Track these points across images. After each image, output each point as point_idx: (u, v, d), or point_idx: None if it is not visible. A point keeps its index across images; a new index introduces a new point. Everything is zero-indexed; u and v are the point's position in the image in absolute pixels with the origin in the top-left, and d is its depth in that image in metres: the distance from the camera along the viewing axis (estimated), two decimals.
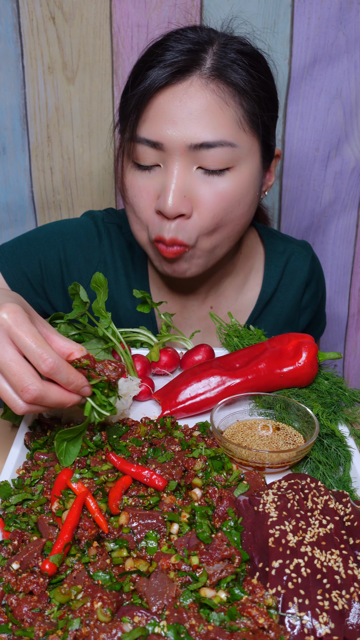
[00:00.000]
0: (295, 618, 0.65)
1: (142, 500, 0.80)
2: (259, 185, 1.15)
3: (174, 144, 1.04)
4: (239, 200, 1.09)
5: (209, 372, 1.04)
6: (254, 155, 1.11)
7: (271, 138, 1.15)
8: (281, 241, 1.39)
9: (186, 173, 1.06)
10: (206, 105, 1.04)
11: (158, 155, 1.07)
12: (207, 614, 0.65)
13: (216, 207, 1.07)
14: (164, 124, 1.05)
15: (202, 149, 1.04)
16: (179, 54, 1.05)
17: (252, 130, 1.08)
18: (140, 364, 1.10)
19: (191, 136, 1.03)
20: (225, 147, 1.05)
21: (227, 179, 1.07)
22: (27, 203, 1.64)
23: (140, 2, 1.45)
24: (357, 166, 1.62)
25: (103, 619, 0.64)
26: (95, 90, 1.52)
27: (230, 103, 1.05)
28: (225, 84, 1.05)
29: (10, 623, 0.66)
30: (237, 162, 1.07)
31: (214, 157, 1.05)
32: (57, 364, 0.78)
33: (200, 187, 1.07)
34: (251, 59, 1.09)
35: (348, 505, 0.78)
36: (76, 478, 0.81)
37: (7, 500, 0.82)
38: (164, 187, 1.07)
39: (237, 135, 1.06)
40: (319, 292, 1.44)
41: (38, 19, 1.45)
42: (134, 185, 1.12)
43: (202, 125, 1.04)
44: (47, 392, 0.78)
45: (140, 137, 1.07)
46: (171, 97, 1.05)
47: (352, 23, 1.47)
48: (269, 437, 0.95)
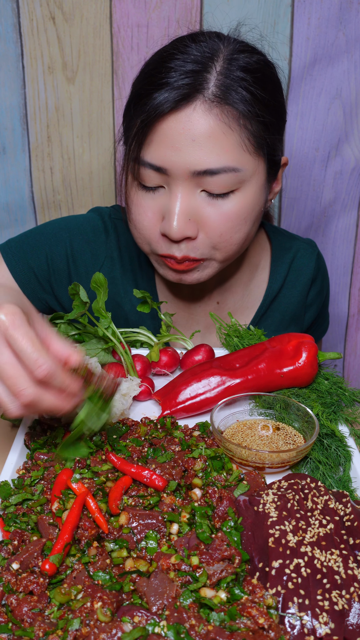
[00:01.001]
0: (295, 618, 0.65)
1: (142, 500, 0.80)
2: (264, 199, 1.15)
3: (178, 170, 1.04)
4: (245, 218, 1.10)
5: (209, 372, 1.04)
6: (259, 175, 1.10)
7: (277, 154, 1.14)
8: (287, 238, 1.40)
9: (190, 196, 1.06)
10: (210, 131, 1.02)
11: (162, 178, 1.07)
12: (207, 614, 0.65)
13: (222, 227, 1.08)
14: (167, 149, 1.04)
15: (206, 175, 1.04)
16: (183, 76, 1.03)
17: (256, 152, 1.07)
18: (140, 364, 1.10)
19: (194, 163, 1.03)
20: (229, 173, 1.04)
21: (231, 201, 1.07)
22: (27, 203, 1.64)
23: (140, 2, 1.45)
24: (357, 166, 1.62)
25: (103, 619, 0.64)
26: (95, 90, 1.52)
27: (234, 127, 1.03)
28: (230, 107, 1.03)
29: (10, 623, 0.66)
30: (242, 184, 1.07)
31: (218, 183, 1.05)
32: (52, 370, 0.77)
33: (205, 210, 1.07)
34: (257, 77, 1.06)
35: (348, 505, 0.78)
36: (76, 478, 0.81)
37: (7, 500, 0.82)
38: (168, 211, 1.07)
39: (241, 159, 1.05)
40: (324, 290, 1.44)
41: (38, 19, 1.45)
42: (138, 205, 1.12)
43: (205, 152, 1.03)
44: (42, 396, 0.78)
45: (144, 160, 1.07)
46: (174, 123, 1.03)
47: (352, 23, 1.47)
48: (269, 437, 0.95)
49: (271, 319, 1.36)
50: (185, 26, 1.47)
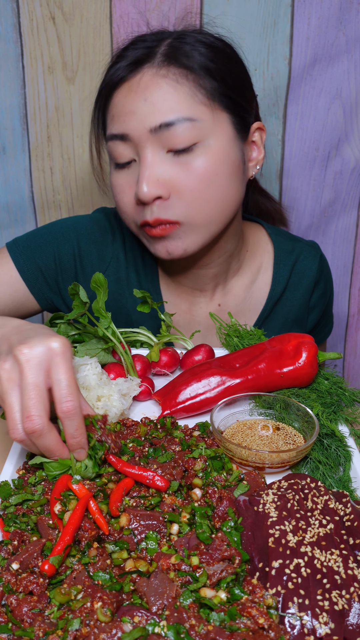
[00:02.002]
0: (295, 618, 0.65)
1: (143, 500, 0.80)
2: (237, 157, 1.15)
3: (137, 131, 1.08)
4: (216, 172, 1.11)
5: (209, 372, 1.04)
6: (222, 128, 1.11)
7: (243, 111, 1.16)
8: (290, 240, 1.40)
9: (157, 158, 1.09)
10: (159, 89, 1.07)
11: (130, 149, 1.11)
12: (207, 614, 0.65)
13: (191, 183, 1.09)
14: (124, 116, 1.09)
15: (164, 130, 1.07)
16: (137, 51, 1.11)
17: (211, 103, 1.10)
18: (140, 364, 1.10)
19: (149, 119, 1.07)
20: (186, 122, 1.07)
21: (196, 155, 1.09)
22: (27, 203, 1.64)
23: (140, 2, 1.45)
24: (357, 166, 1.62)
25: (103, 619, 0.64)
26: (95, 90, 1.52)
27: (183, 82, 1.08)
28: (176, 67, 1.08)
29: (10, 623, 0.66)
30: (203, 136, 1.09)
31: (178, 135, 1.07)
32: (76, 410, 0.79)
33: (172, 169, 1.09)
34: (209, 46, 1.12)
35: (348, 505, 0.78)
36: (77, 480, 0.81)
37: (7, 501, 0.82)
38: (138, 176, 1.10)
39: (196, 110, 1.08)
40: (327, 292, 1.44)
41: (38, 19, 1.45)
42: (116, 184, 1.16)
43: (159, 109, 1.07)
44: (47, 433, 0.79)
45: (109, 134, 1.13)
46: (127, 91, 1.09)
47: (352, 23, 1.47)
48: (269, 437, 0.95)
49: (274, 321, 1.36)
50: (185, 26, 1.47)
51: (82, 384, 0.99)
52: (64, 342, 0.81)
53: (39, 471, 0.86)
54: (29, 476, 0.86)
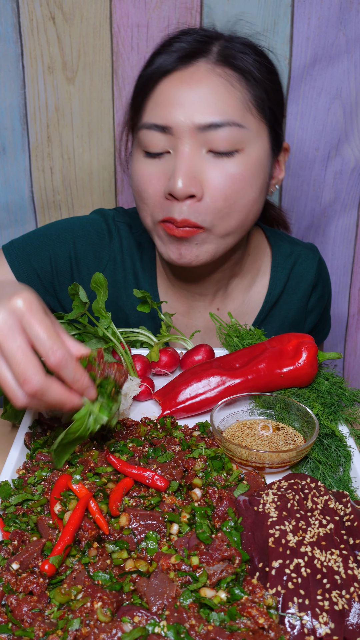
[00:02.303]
0: (295, 618, 0.65)
1: (143, 500, 0.80)
2: (268, 172, 1.16)
3: (183, 126, 1.06)
4: (250, 182, 1.10)
5: (209, 372, 1.04)
6: (262, 140, 1.11)
7: (279, 126, 1.16)
8: (288, 243, 1.39)
9: (195, 155, 1.07)
10: (213, 87, 1.06)
11: (167, 140, 1.08)
12: (207, 614, 0.65)
13: (227, 189, 1.08)
14: (171, 107, 1.06)
15: (210, 130, 1.05)
16: (187, 44, 1.09)
17: (259, 114, 1.10)
18: (140, 364, 1.10)
19: (199, 117, 1.05)
20: (233, 127, 1.06)
21: (236, 161, 1.08)
22: (27, 203, 1.64)
23: (140, 2, 1.45)
24: (357, 166, 1.62)
25: (103, 619, 0.64)
26: (95, 90, 1.52)
27: (237, 86, 1.07)
28: (232, 69, 1.08)
29: (10, 623, 0.66)
30: (246, 143, 1.08)
31: (222, 138, 1.06)
32: (66, 358, 0.76)
33: (210, 170, 1.07)
34: (258, 53, 1.12)
35: (348, 505, 0.78)
36: (77, 479, 0.81)
37: (7, 501, 0.82)
38: (174, 170, 1.07)
39: (244, 117, 1.07)
40: (325, 296, 1.43)
41: (38, 19, 1.45)
42: (143, 173, 1.12)
43: (209, 107, 1.05)
44: (49, 387, 0.76)
45: (149, 122, 1.09)
46: (178, 82, 1.07)
47: (352, 23, 1.47)
48: (269, 437, 0.95)
49: (271, 324, 1.36)
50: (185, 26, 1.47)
51: None
52: (27, 296, 0.78)
53: (38, 471, 0.86)
54: (29, 476, 0.86)
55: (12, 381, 0.76)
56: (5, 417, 1.04)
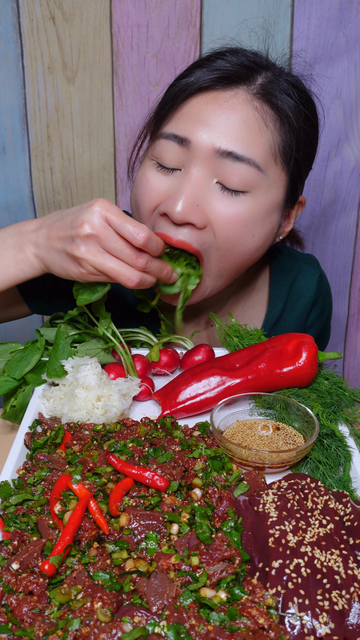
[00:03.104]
0: (295, 618, 0.65)
1: (143, 500, 0.80)
2: (276, 223, 1.10)
3: (202, 145, 1.00)
4: (253, 228, 1.04)
5: (209, 372, 1.04)
6: (278, 189, 1.06)
7: (300, 180, 1.11)
8: (288, 258, 1.35)
9: (204, 182, 1.02)
10: (246, 119, 1.00)
11: (182, 155, 1.02)
12: (207, 614, 0.65)
13: (232, 227, 1.03)
14: (196, 122, 1.01)
15: (228, 160, 0.99)
16: (232, 65, 1.03)
17: (283, 164, 1.04)
18: (140, 364, 1.10)
19: (222, 141, 0.99)
20: (252, 168, 1.00)
21: (243, 202, 1.02)
22: (27, 203, 1.64)
23: (140, 2, 1.45)
24: (357, 166, 1.62)
25: (103, 619, 0.64)
26: (95, 90, 1.53)
27: (270, 127, 1.02)
28: (270, 107, 1.02)
29: (10, 623, 0.66)
30: (258, 188, 1.02)
31: (238, 173, 1.00)
32: (148, 234, 0.92)
33: (216, 202, 1.02)
34: (302, 96, 1.06)
35: (348, 505, 0.78)
36: (77, 479, 0.81)
37: (7, 500, 0.82)
38: (177, 190, 1.02)
39: (267, 162, 1.02)
40: (325, 311, 1.40)
41: (38, 19, 1.45)
42: (146, 183, 1.06)
43: (235, 136, 1.00)
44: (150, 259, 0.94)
45: (168, 132, 1.03)
46: (211, 101, 1.01)
47: (352, 23, 1.47)
48: (269, 437, 0.95)
49: None
50: (185, 26, 1.47)
51: (82, 384, 0.99)
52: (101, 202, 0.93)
53: (38, 471, 0.86)
54: (29, 476, 0.86)
55: (122, 266, 0.93)
56: (5, 417, 1.04)
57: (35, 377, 1.06)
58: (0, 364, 1.07)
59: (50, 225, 0.99)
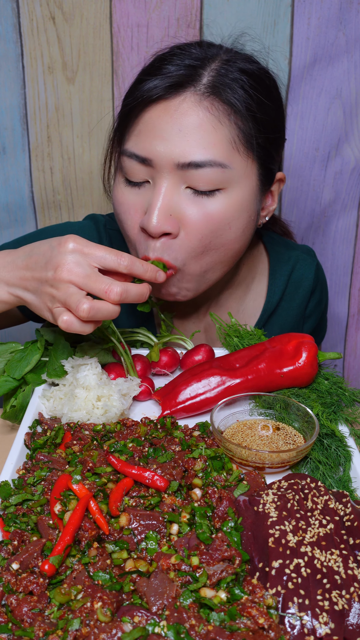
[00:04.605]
0: (295, 618, 0.65)
1: (143, 500, 0.80)
2: (254, 210, 1.10)
3: (163, 160, 1.01)
4: (229, 223, 1.05)
5: (209, 372, 1.04)
6: (249, 178, 1.06)
7: (271, 162, 1.11)
8: (285, 249, 1.36)
9: (174, 191, 1.03)
10: (198, 122, 1.00)
11: (147, 171, 1.04)
12: (207, 614, 0.65)
13: (204, 229, 1.04)
14: (153, 139, 1.01)
15: (191, 169, 1.00)
16: (177, 68, 1.02)
17: (247, 152, 1.04)
18: (140, 364, 1.10)
19: (179, 154, 1.00)
20: (216, 168, 1.01)
21: (217, 201, 1.03)
22: (27, 203, 1.64)
23: (140, 2, 1.45)
24: (357, 166, 1.62)
25: (103, 619, 0.64)
26: (95, 90, 1.53)
27: (225, 122, 1.01)
28: (220, 102, 1.01)
29: (10, 623, 0.66)
30: (229, 183, 1.03)
31: (203, 178, 1.01)
32: (132, 259, 0.93)
33: (188, 207, 1.03)
34: (254, 79, 1.05)
35: (348, 505, 0.78)
36: (77, 479, 0.81)
37: (7, 501, 0.82)
38: (149, 205, 1.03)
39: (230, 156, 1.02)
40: (323, 300, 1.42)
41: (38, 19, 1.45)
42: (123, 202, 1.09)
43: (192, 144, 1.00)
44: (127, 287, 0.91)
45: (129, 151, 1.05)
46: (163, 112, 1.01)
47: (352, 23, 1.47)
48: (269, 437, 0.95)
49: (269, 332, 1.34)
50: (185, 26, 1.47)
51: (82, 384, 0.99)
52: (72, 238, 0.91)
53: (37, 471, 0.86)
54: (29, 476, 0.86)
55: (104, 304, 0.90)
56: (5, 417, 1.04)
57: (35, 377, 1.06)
58: (0, 364, 1.07)
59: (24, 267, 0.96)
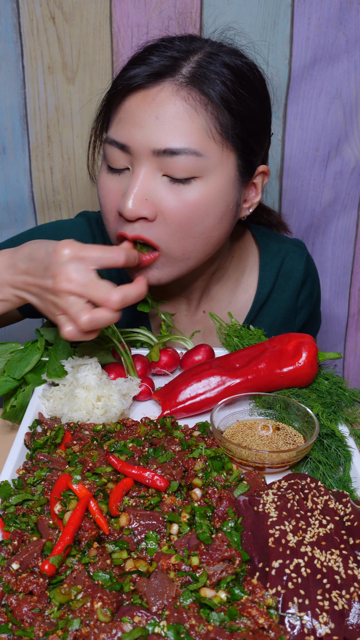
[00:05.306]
0: (295, 618, 0.65)
1: (143, 500, 0.80)
2: (233, 200, 1.11)
3: (140, 147, 1.03)
4: (206, 211, 1.07)
5: (209, 372, 1.04)
6: (226, 168, 1.07)
7: (252, 154, 1.11)
8: (275, 241, 1.37)
9: (151, 178, 1.05)
10: (174, 111, 1.02)
11: (126, 158, 1.06)
12: (207, 614, 0.65)
13: (181, 215, 1.05)
14: (131, 127, 1.04)
15: (166, 156, 1.02)
16: (159, 59, 1.05)
17: (224, 142, 1.05)
18: (140, 364, 1.10)
19: (155, 141, 1.02)
20: (191, 156, 1.03)
21: (192, 188, 1.05)
22: (27, 203, 1.64)
23: (140, 2, 1.45)
24: (357, 166, 1.62)
25: (103, 619, 0.64)
26: (95, 90, 1.52)
27: (201, 112, 1.03)
28: (198, 93, 1.03)
29: (10, 623, 0.66)
30: (205, 172, 1.05)
31: (179, 165, 1.03)
32: (126, 253, 0.96)
33: (165, 194, 1.05)
34: (235, 73, 1.06)
35: (348, 505, 0.78)
36: (77, 479, 0.81)
37: (7, 500, 0.82)
38: (127, 189, 1.06)
39: (206, 145, 1.04)
40: (315, 292, 1.43)
41: (38, 19, 1.45)
42: (103, 187, 1.11)
43: (167, 131, 1.02)
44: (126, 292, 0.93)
45: (110, 138, 1.08)
46: (141, 101, 1.04)
47: (352, 23, 1.47)
48: (269, 437, 0.95)
49: (261, 323, 1.35)
50: (185, 26, 1.47)
51: (82, 384, 0.99)
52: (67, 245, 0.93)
53: (37, 471, 0.86)
54: (29, 476, 0.86)
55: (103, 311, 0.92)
56: (5, 417, 1.04)
57: (35, 377, 1.06)
58: (0, 364, 1.07)
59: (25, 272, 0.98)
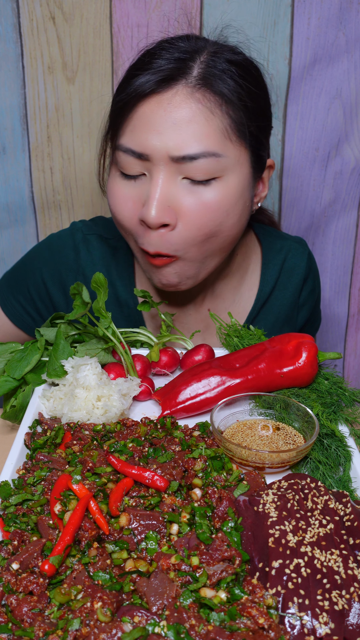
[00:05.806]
0: (295, 618, 0.65)
1: (143, 500, 0.80)
2: (249, 196, 1.13)
3: (158, 154, 1.03)
4: (227, 210, 1.07)
5: (209, 372, 1.04)
6: (243, 166, 1.08)
7: (262, 149, 1.13)
8: (277, 239, 1.38)
9: (171, 183, 1.05)
10: (191, 115, 1.02)
11: (143, 164, 1.06)
12: (207, 614, 0.65)
13: (202, 218, 1.06)
14: (148, 133, 1.03)
15: (186, 161, 1.03)
16: (167, 62, 1.04)
17: (239, 140, 1.06)
18: (140, 364, 1.10)
19: (174, 148, 1.02)
20: (210, 158, 1.03)
21: (213, 189, 1.05)
22: (27, 203, 1.64)
23: (140, 2, 1.45)
24: (357, 166, 1.62)
25: (103, 619, 0.64)
26: (95, 90, 1.53)
27: (217, 112, 1.03)
28: (212, 93, 1.04)
29: (10, 623, 0.66)
30: (224, 172, 1.05)
31: (199, 168, 1.03)
32: None
33: (185, 198, 1.05)
34: (241, 69, 1.07)
35: (348, 505, 0.78)
36: (77, 479, 0.81)
37: (7, 500, 0.82)
38: (147, 197, 1.05)
39: (223, 146, 1.04)
40: (316, 289, 1.43)
41: (38, 19, 1.45)
42: (118, 195, 1.10)
43: (185, 137, 1.02)
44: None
45: (125, 146, 1.06)
46: (156, 106, 1.03)
47: (352, 23, 1.47)
48: (269, 437, 0.95)
49: (264, 321, 1.35)
50: (185, 26, 1.47)
51: (82, 384, 0.99)
52: None
53: (37, 471, 0.86)
54: (29, 476, 0.86)
55: None
56: (5, 417, 1.04)
57: (35, 377, 1.06)
58: (0, 364, 1.07)
59: None
